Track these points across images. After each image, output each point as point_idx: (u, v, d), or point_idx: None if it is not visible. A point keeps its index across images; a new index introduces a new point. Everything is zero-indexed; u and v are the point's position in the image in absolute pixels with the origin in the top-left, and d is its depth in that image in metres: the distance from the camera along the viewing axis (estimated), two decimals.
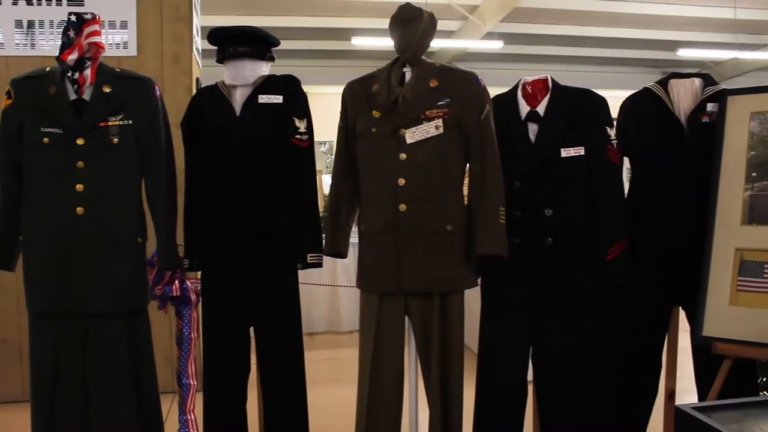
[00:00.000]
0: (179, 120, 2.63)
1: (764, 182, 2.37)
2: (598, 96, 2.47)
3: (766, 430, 1.31)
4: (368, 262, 2.45)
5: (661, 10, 9.83)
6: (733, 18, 10.04)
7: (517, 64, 11.41)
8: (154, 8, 4.01)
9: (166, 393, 2.98)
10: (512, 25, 10.07)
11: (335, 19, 9.71)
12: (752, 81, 10.92)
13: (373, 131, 2.38)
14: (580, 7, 9.59)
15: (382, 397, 2.44)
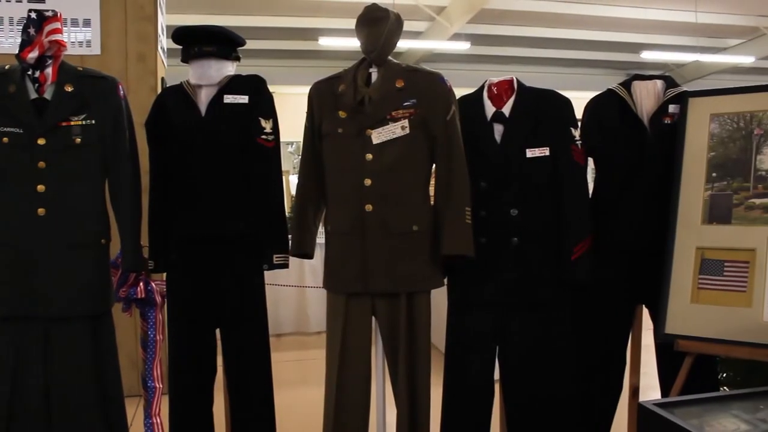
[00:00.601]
0: (144, 120, 2.60)
1: (723, 182, 2.42)
2: (562, 97, 2.50)
3: (724, 424, 1.33)
4: (335, 263, 2.45)
5: (625, 13, 9.98)
6: (694, 22, 10.22)
7: (483, 65, 11.49)
8: (118, 6, 3.95)
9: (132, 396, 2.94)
10: (479, 26, 10.14)
11: (302, 19, 9.68)
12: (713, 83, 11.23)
13: (340, 132, 2.37)
14: (546, 10, 9.69)
15: (349, 397, 2.44)
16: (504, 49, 11.64)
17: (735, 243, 2.33)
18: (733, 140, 2.45)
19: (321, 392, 2.50)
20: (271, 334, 2.67)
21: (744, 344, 2.22)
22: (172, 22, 3.99)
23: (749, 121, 2.43)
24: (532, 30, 10.67)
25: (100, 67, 3.04)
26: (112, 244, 2.47)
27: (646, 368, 2.72)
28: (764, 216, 2.31)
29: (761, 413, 1.38)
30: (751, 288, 2.26)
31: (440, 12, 9.69)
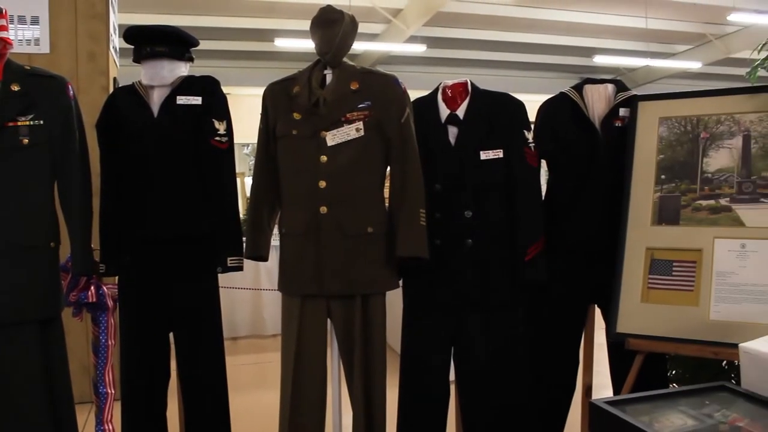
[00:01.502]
0: (95, 120, 2.55)
1: (672, 184, 2.48)
2: (516, 100, 2.53)
3: (672, 420, 1.36)
4: (289, 265, 2.43)
5: (578, 17, 10.16)
6: (644, 27, 10.45)
7: (439, 67, 11.56)
8: (67, 4, 3.87)
9: (83, 403, 2.89)
10: (435, 29, 10.21)
11: (258, 19, 9.63)
12: (663, 88, 11.47)
13: (294, 133, 2.36)
14: (501, 13, 9.81)
15: (305, 400, 2.43)
16: (459, 51, 11.75)
17: (683, 243, 2.39)
18: (681, 143, 2.51)
19: (277, 395, 2.47)
20: (227, 338, 2.64)
21: (691, 342, 2.27)
22: (124, 21, 3.92)
23: (696, 125, 2.50)
24: (488, 33, 10.79)
25: (50, 66, 2.97)
26: (61, 248, 2.41)
27: (599, 367, 2.76)
28: (710, 217, 2.37)
29: (707, 408, 1.41)
30: (698, 287, 2.32)
31: (396, 14, 9.73)
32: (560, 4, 9.82)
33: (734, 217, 2.34)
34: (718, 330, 2.24)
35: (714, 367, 2.67)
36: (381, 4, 9.28)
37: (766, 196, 2.31)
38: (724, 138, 2.44)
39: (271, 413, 2.64)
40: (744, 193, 2.36)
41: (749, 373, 1.49)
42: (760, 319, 2.18)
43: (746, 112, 2.42)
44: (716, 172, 2.42)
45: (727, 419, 1.36)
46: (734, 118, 2.44)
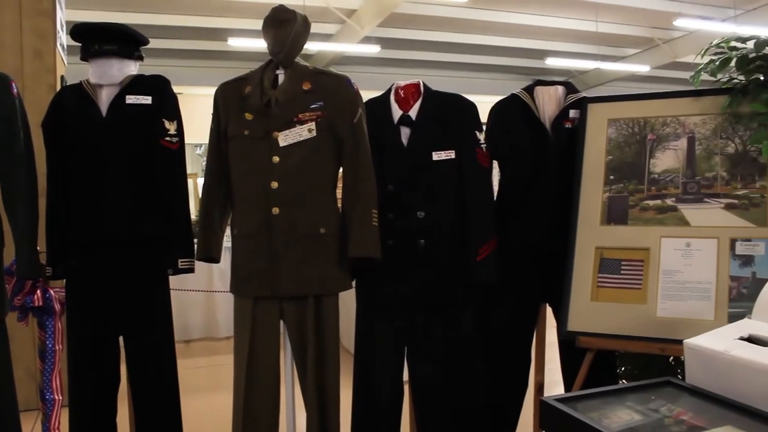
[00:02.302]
0: (41, 120, 2.49)
1: (620, 185, 2.53)
2: (467, 101, 2.54)
3: (620, 416, 1.39)
4: (241, 267, 2.41)
5: (531, 20, 10.29)
6: (595, 31, 10.64)
7: (393, 68, 11.60)
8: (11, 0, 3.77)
9: (29, 411, 2.82)
10: (389, 30, 10.23)
11: (211, 18, 9.51)
12: (613, 90, 11.69)
13: (246, 134, 2.34)
14: (455, 15, 9.88)
15: (258, 402, 2.41)
16: (413, 53, 11.80)
17: (631, 243, 2.44)
18: (629, 144, 2.56)
19: (231, 397, 2.45)
20: (180, 340, 2.61)
21: (639, 339, 2.32)
22: (72, 18, 3.83)
23: (643, 127, 2.55)
24: (441, 35, 10.86)
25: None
26: (6, 250, 2.35)
27: (551, 365, 2.80)
28: (657, 217, 2.43)
29: (653, 404, 1.44)
30: (645, 285, 2.37)
31: (351, 15, 9.72)
32: (513, 7, 9.94)
33: (680, 217, 2.40)
34: (665, 327, 2.28)
35: (661, 363, 2.73)
36: (335, 4, 9.26)
37: (710, 197, 2.38)
38: (670, 139, 2.50)
39: (224, 416, 2.62)
40: (689, 193, 2.42)
41: (693, 368, 1.53)
42: (703, 316, 2.24)
43: (691, 114, 2.48)
44: (662, 173, 2.48)
45: (672, 413, 1.39)
46: (679, 120, 2.50)
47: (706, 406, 1.42)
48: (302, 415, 2.46)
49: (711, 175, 2.40)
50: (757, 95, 2.30)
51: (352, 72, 2.51)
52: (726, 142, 2.41)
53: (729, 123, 2.41)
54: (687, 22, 9.95)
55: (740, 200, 2.32)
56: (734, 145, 2.39)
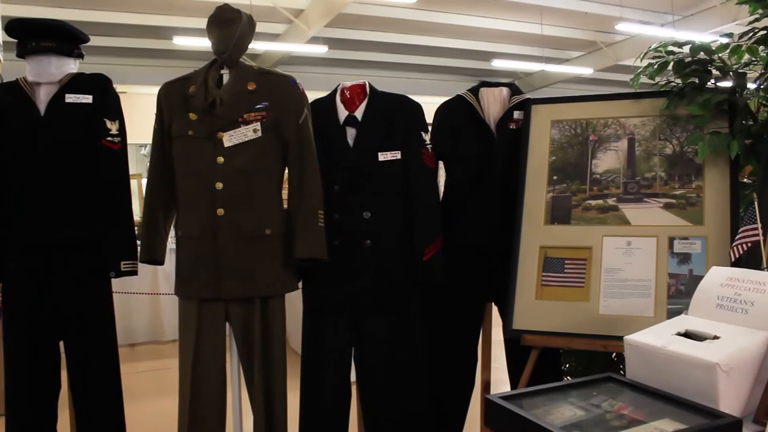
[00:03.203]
0: None
1: (563, 185, 2.57)
2: (413, 102, 2.56)
3: (562, 412, 1.41)
4: (186, 269, 2.38)
5: (477, 22, 10.40)
6: (540, 34, 10.82)
7: (341, 68, 11.59)
8: None
9: None
10: (336, 30, 10.22)
11: (155, 16, 9.35)
12: (558, 91, 11.90)
13: (190, 134, 2.31)
14: (403, 16, 9.92)
15: (204, 406, 2.38)
16: (361, 53, 11.81)
17: (574, 242, 2.48)
18: (572, 145, 2.61)
19: (177, 402, 2.42)
20: (124, 344, 2.57)
21: (583, 336, 2.36)
22: (8, 12, 3.72)
23: (585, 128, 2.60)
24: (389, 35, 10.90)
25: None
26: None
27: (497, 363, 2.84)
28: (599, 216, 2.48)
29: (594, 399, 1.47)
30: (588, 284, 2.42)
31: (298, 15, 9.68)
32: (460, 9, 10.03)
33: (621, 216, 2.45)
34: (607, 324, 2.34)
35: (604, 359, 2.78)
36: (282, 4, 9.20)
37: (649, 196, 2.44)
38: (611, 140, 2.55)
39: (170, 420, 2.58)
40: (629, 193, 2.47)
41: (633, 363, 1.57)
42: (643, 312, 2.29)
43: (631, 116, 2.54)
44: (604, 173, 2.54)
45: (613, 408, 1.42)
46: (620, 121, 2.55)
47: (646, 400, 1.46)
48: (249, 418, 2.44)
49: (650, 175, 2.46)
50: (693, 98, 2.37)
51: (299, 72, 2.50)
52: (664, 143, 2.47)
53: (667, 125, 2.47)
54: (628, 27, 10.21)
55: (678, 200, 2.39)
56: (672, 146, 2.46)
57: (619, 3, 9.88)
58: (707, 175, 2.37)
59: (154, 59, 10.97)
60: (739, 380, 1.41)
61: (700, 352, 1.43)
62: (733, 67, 2.44)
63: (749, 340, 1.46)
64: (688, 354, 1.44)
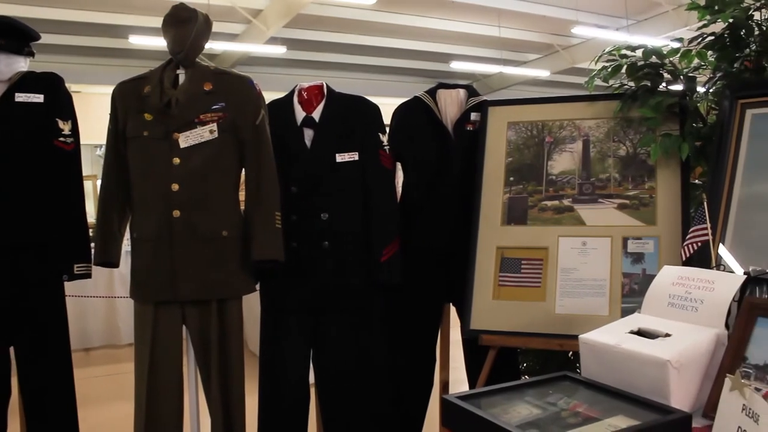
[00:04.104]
0: None
1: (520, 186, 2.60)
2: (371, 103, 2.56)
3: (519, 411, 1.42)
4: (141, 271, 2.35)
5: (436, 24, 10.46)
6: (498, 36, 10.92)
7: (300, 69, 11.55)
8: None
9: None
10: (295, 31, 10.19)
11: (111, 15, 9.20)
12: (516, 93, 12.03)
13: (145, 135, 2.28)
14: (361, 17, 9.93)
15: (161, 410, 2.35)
16: (320, 54, 11.79)
17: (530, 242, 2.51)
18: (528, 147, 2.64)
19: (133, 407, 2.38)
20: (79, 348, 2.52)
21: (539, 335, 2.39)
22: None
23: (541, 130, 2.64)
24: (347, 37, 10.89)
25: None
26: None
27: (456, 363, 2.85)
28: (555, 217, 2.51)
29: (550, 397, 1.49)
30: (544, 283, 2.44)
31: (256, 15, 9.62)
32: (419, 11, 10.07)
33: (576, 217, 2.49)
34: (563, 323, 2.37)
35: (561, 358, 2.82)
36: (241, 4, 9.14)
37: (604, 197, 2.48)
38: (567, 142, 2.59)
39: (126, 426, 2.55)
40: (584, 194, 2.51)
41: (588, 362, 1.59)
42: (598, 311, 2.33)
43: (585, 118, 2.58)
44: (560, 175, 2.57)
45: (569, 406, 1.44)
46: (575, 123, 2.59)
47: (600, 397, 1.48)
48: (207, 422, 2.42)
49: (605, 176, 2.50)
50: (645, 101, 2.41)
51: (258, 73, 2.49)
52: (618, 144, 2.52)
53: (620, 127, 2.52)
54: (584, 30, 10.37)
55: (631, 200, 2.43)
56: (625, 147, 2.50)
57: (576, 7, 10.04)
58: (659, 176, 2.41)
59: (109, 58, 10.79)
60: (690, 376, 1.44)
61: (652, 349, 1.46)
62: (684, 71, 2.50)
63: (699, 337, 1.49)
64: (640, 352, 1.46)
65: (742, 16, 2.23)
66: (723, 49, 2.34)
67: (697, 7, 2.35)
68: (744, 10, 2.24)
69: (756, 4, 2.25)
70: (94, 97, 7.98)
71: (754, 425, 1.11)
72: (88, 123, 2.46)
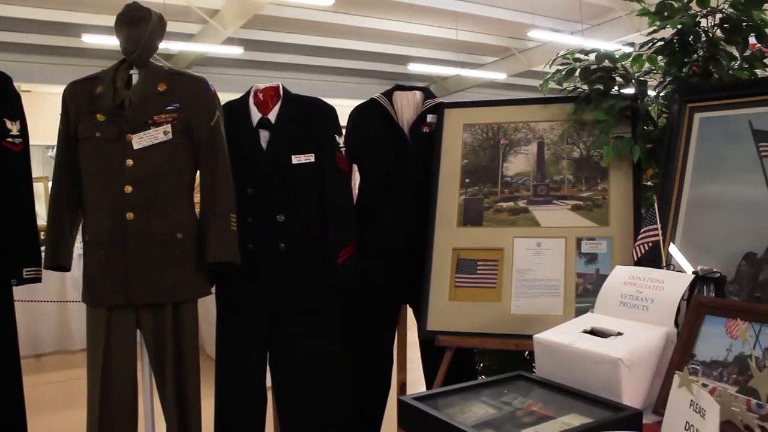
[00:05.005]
0: None
1: (476, 187, 2.62)
2: (327, 105, 2.56)
3: (474, 411, 1.43)
4: (94, 275, 2.31)
5: (394, 26, 10.49)
6: (455, 39, 11.00)
7: (257, 70, 11.49)
8: None
9: None
10: (252, 31, 10.12)
11: (63, 12, 9.02)
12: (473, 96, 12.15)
13: (97, 135, 2.25)
14: (319, 19, 9.90)
15: (114, 416, 2.31)
16: (277, 55, 11.74)
17: (486, 243, 2.53)
18: (484, 149, 2.66)
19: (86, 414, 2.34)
20: (30, 355, 2.46)
21: (495, 336, 2.41)
22: None
23: (497, 132, 2.66)
24: (305, 38, 10.86)
25: None
26: None
27: (413, 364, 2.86)
28: (510, 218, 2.54)
29: (506, 397, 1.50)
30: (500, 284, 2.46)
31: (213, 15, 9.52)
32: (377, 12, 10.09)
33: (531, 218, 2.52)
34: (518, 323, 2.39)
35: (518, 358, 2.84)
36: (197, 3, 9.04)
37: (558, 198, 2.51)
38: (522, 144, 2.62)
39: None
40: (539, 195, 2.54)
41: (542, 361, 1.61)
42: (553, 311, 2.36)
43: (540, 120, 2.61)
44: (515, 176, 2.60)
45: (524, 405, 1.45)
46: (530, 126, 2.62)
47: (554, 396, 1.50)
48: (162, 427, 2.38)
49: (559, 178, 2.54)
50: (598, 104, 2.45)
51: (214, 73, 2.46)
52: (572, 147, 2.55)
53: (574, 129, 2.55)
54: (540, 34, 10.52)
55: (585, 202, 2.47)
56: (579, 150, 2.54)
57: (532, 11, 10.18)
58: (612, 178, 2.46)
59: (61, 57, 10.57)
60: (641, 374, 1.47)
61: (605, 348, 1.48)
62: (635, 75, 2.54)
63: (649, 335, 1.53)
64: (593, 350, 1.49)
65: (689, 22, 2.28)
66: (672, 54, 2.39)
67: (648, 13, 2.40)
68: (691, 17, 2.30)
69: (702, 12, 2.30)
70: (45, 97, 7.82)
71: (701, 420, 1.13)
72: (39, 123, 2.40)
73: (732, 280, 1.79)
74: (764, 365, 1.29)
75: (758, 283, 1.76)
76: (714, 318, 1.48)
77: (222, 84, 2.40)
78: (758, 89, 1.98)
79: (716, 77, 2.28)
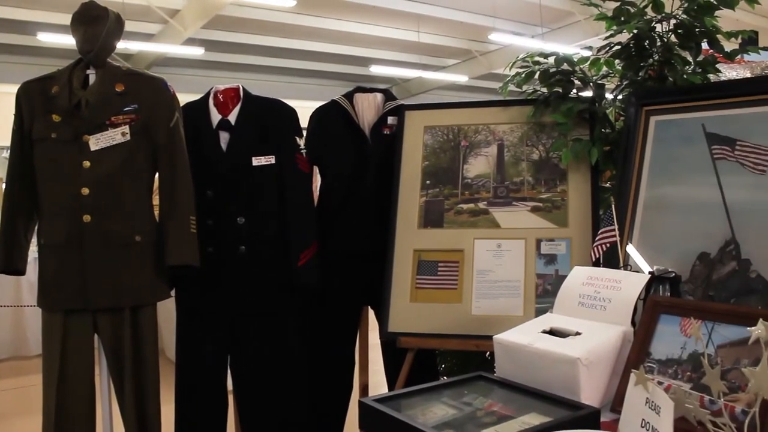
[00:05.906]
0: None
1: (436, 189, 2.63)
2: (287, 106, 2.55)
3: (435, 411, 1.44)
4: (50, 278, 2.27)
5: (356, 28, 10.50)
6: (417, 41, 11.05)
7: (218, 71, 11.40)
8: None
9: None
10: (213, 32, 10.04)
11: (18, 10, 8.83)
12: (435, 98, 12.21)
13: (53, 137, 2.20)
14: (281, 20, 9.86)
15: (71, 424, 2.28)
16: (238, 56, 11.66)
17: (447, 245, 2.54)
18: (444, 151, 2.67)
19: None
20: None
21: (456, 337, 2.42)
22: None
23: (457, 134, 2.68)
24: (267, 39, 10.81)
25: None
26: None
27: (375, 366, 2.86)
28: (471, 220, 2.55)
29: (466, 397, 1.51)
30: (461, 285, 2.48)
31: (173, 15, 9.42)
32: (339, 14, 10.08)
33: (491, 219, 2.54)
34: (479, 324, 2.40)
35: (479, 358, 2.86)
36: (157, 3, 8.92)
37: (518, 200, 2.54)
38: (482, 146, 2.64)
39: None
40: (499, 197, 2.56)
41: (502, 361, 1.62)
42: (513, 312, 2.38)
43: (500, 123, 2.64)
44: (475, 178, 2.61)
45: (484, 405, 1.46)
46: (490, 128, 2.64)
47: (514, 396, 1.51)
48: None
49: (519, 179, 2.56)
50: (557, 107, 2.48)
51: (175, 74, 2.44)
52: (531, 149, 2.58)
53: (533, 131, 2.58)
54: (501, 37, 10.62)
55: (544, 203, 2.50)
56: (538, 151, 2.57)
57: (493, 14, 10.26)
58: (571, 180, 2.49)
59: (16, 56, 10.36)
60: (598, 373, 1.49)
61: (563, 348, 1.50)
62: (593, 79, 2.58)
63: (607, 334, 1.55)
64: (552, 350, 1.50)
65: (645, 27, 2.32)
66: (629, 59, 2.44)
67: (605, 17, 2.44)
68: (647, 23, 2.34)
69: (657, 17, 2.35)
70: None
71: (656, 417, 1.16)
72: None
73: (687, 279, 1.83)
74: (716, 363, 1.32)
75: (711, 283, 1.81)
76: (669, 317, 1.51)
77: (182, 85, 2.38)
78: (711, 93, 2.03)
79: (671, 81, 2.32)
